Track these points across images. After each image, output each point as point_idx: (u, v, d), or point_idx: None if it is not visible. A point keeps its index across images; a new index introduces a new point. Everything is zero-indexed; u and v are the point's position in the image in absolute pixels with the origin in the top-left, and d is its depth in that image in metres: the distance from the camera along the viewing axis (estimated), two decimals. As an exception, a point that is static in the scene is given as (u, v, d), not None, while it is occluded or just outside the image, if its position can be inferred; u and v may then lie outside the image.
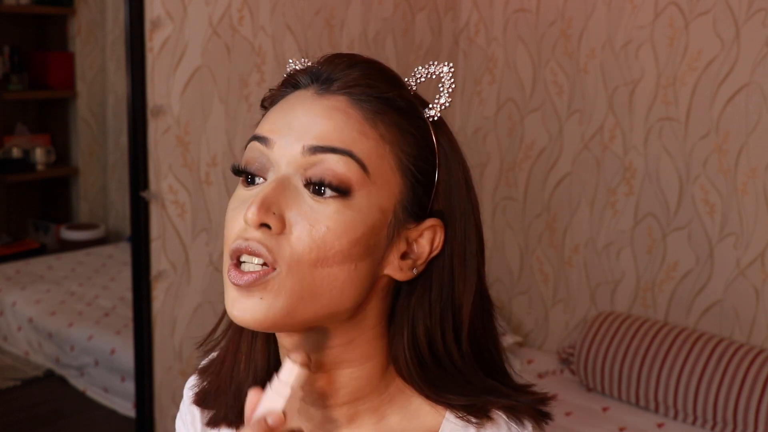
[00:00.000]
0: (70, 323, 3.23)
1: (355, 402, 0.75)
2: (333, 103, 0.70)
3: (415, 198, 0.72)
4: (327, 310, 0.69)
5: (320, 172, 0.68)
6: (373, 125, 0.70)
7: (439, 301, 0.73)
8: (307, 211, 0.68)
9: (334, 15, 2.69)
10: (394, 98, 0.71)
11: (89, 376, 3.09)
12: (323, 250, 0.67)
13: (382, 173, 0.70)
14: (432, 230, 0.72)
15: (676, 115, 2.70)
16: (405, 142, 0.71)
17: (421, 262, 0.73)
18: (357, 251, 0.69)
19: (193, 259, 2.41)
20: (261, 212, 0.67)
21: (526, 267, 3.13)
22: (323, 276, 0.68)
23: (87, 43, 4.04)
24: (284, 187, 0.69)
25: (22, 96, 3.95)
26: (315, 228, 0.67)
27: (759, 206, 2.58)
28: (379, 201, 0.70)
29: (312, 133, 0.69)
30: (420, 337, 0.73)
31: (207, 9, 2.33)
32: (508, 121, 3.11)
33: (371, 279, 0.71)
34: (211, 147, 2.41)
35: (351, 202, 0.68)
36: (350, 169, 0.68)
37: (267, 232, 0.68)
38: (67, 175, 4.14)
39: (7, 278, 3.61)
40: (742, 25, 2.54)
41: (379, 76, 0.73)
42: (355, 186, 0.68)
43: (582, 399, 2.68)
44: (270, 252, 0.67)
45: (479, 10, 3.14)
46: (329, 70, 0.72)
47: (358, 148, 0.69)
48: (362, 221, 0.69)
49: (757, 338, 2.62)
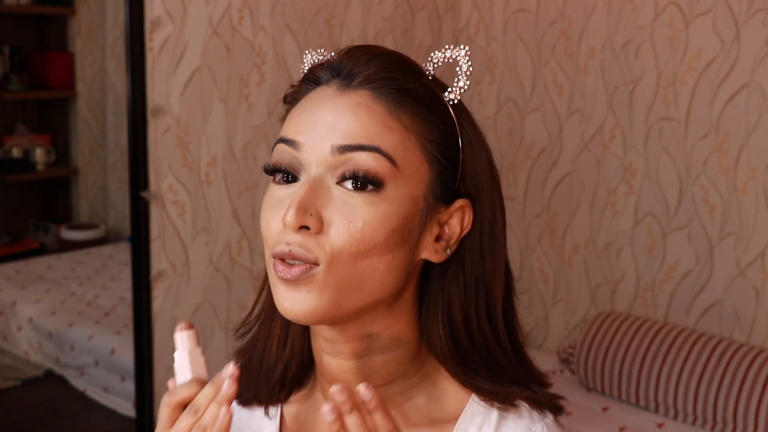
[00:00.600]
0: (70, 323, 3.23)
1: (386, 386, 0.77)
2: (356, 99, 0.72)
3: (442, 183, 0.74)
4: (371, 299, 0.72)
5: (351, 170, 0.70)
6: (397, 117, 0.72)
7: (473, 279, 0.76)
8: (342, 208, 0.70)
9: (334, 15, 2.70)
10: (415, 88, 0.73)
11: (89, 376, 3.09)
12: (363, 244, 0.70)
13: (410, 163, 0.72)
14: (461, 210, 0.75)
15: (676, 115, 2.70)
16: (428, 130, 0.73)
17: (453, 242, 0.75)
18: (394, 241, 0.71)
19: (193, 259, 2.41)
20: (299, 215, 0.69)
21: (526, 267, 3.13)
22: (364, 267, 0.70)
23: (87, 43, 4.04)
24: (318, 187, 0.70)
25: (22, 96, 3.95)
26: (352, 223, 0.70)
27: (759, 206, 2.58)
28: (409, 190, 0.72)
29: (338, 132, 0.71)
30: (456, 315, 0.75)
31: (207, 9, 2.33)
32: (508, 121, 3.11)
33: (409, 265, 0.74)
34: (211, 147, 2.41)
35: (384, 195, 0.70)
36: (379, 164, 0.70)
37: (306, 233, 0.70)
38: (67, 175, 4.14)
39: (7, 278, 3.61)
40: (742, 25, 2.54)
41: (398, 66, 0.74)
42: (386, 179, 0.70)
43: (582, 399, 2.68)
44: (310, 252, 0.70)
45: (479, 10, 3.14)
46: (350, 64, 0.74)
47: (384, 143, 0.71)
48: (396, 212, 0.71)
49: (757, 338, 2.62)
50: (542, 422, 0.77)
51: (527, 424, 0.76)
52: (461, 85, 0.75)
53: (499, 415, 0.76)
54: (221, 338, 2.50)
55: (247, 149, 2.49)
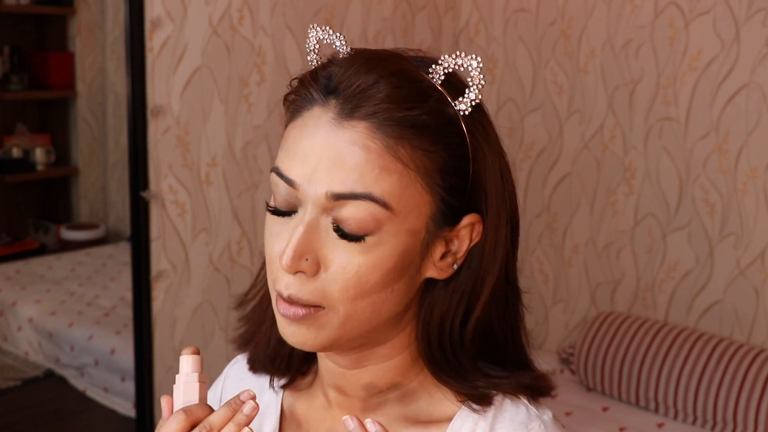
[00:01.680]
0: (70, 323, 3.23)
1: (386, 392, 0.77)
2: (352, 136, 0.68)
3: (448, 206, 0.72)
4: (369, 328, 0.73)
5: (344, 217, 0.69)
6: (396, 155, 0.68)
7: (461, 288, 0.74)
8: (338, 252, 0.70)
9: (334, 15, 2.69)
10: (419, 115, 0.69)
11: (89, 376, 3.09)
12: (359, 286, 0.70)
13: (408, 201, 0.70)
14: (470, 226, 0.73)
15: (676, 115, 2.70)
16: (432, 162, 0.70)
17: (461, 256, 0.74)
18: (392, 277, 0.71)
19: (193, 259, 2.41)
20: (294, 261, 0.69)
21: (526, 267, 3.13)
22: (364, 305, 0.71)
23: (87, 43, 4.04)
24: (313, 230, 0.70)
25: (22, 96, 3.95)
26: (347, 268, 0.69)
27: (759, 206, 2.58)
28: (407, 227, 0.70)
29: (333, 176, 0.68)
30: (434, 320, 0.75)
31: (207, 9, 2.33)
32: (508, 121, 3.11)
33: (411, 290, 0.74)
34: (211, 147, 2.41)
35: (378, 239, 0.69)
36: (372, 212, 0.69)
37: (302, 277, 0.70)
38: (67, 175, 4.14)
39: (7, 278, 3.61)
40: (742, 25, 2.54)
41: (401, 93, 0.69)
42: (381, 225, 0.69)
43: (582, 399, 2.68)
44: (309, 296, 0.70)
45: (479, 10, 3.14)
46: (348, 85, 0.69)
47: (380, 187, 0.68)
48: (392, 252, 0.70)
49: (757, 338, 2.62)
50: (539, 420, 0.75)
51: (523, 420, 0.75)
52: (472, 98, 0.71)
53: (495, 411, 0.75)
54: (221, 338, 2.50)
55: (247, 149, 2.49)
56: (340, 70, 0.70)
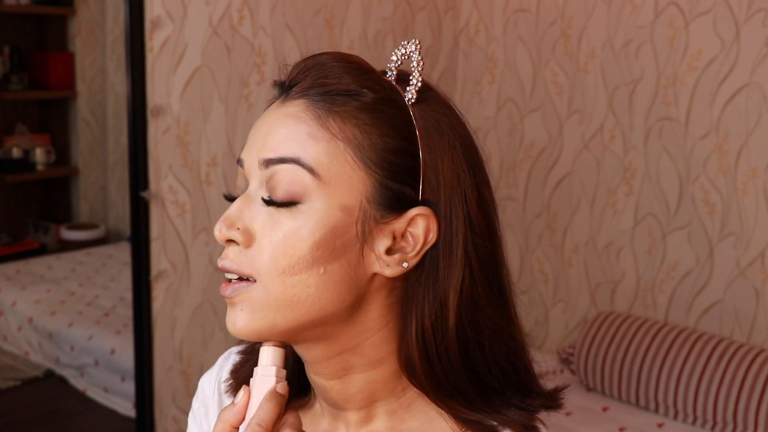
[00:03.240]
0: (70, 323, 3.23)
1: (371, 405, 0.75)
2: (288, 110, 0.71)
3: (389, 190, 0.69)
4: (309, 316, 0.69)
5: (273, 184, 0.69)
6: (324, 124, 0.69)
7: (429, 296, 0.71)
8: (267, 223, 0.69)
9: (334, 15, 2.69)
10: (354, 91, 0.69)
11: (89, 376, 3.09)
12: (285, 258, 0.68)
13: (338, 172, 0.68)
14: (425, 219, 0.70)
15: (676, 115, 2.70)
16: (366, 137, 0.69)
17: (413, 254, 0.70)
18: (321, 254, 0.68)
19: (193, 259, 2.41)
20: (224, 230, 0.69)
21: (526, 267, 3.13)
22: (294, 284, 0.68)
23: (87, 43, 4.04)
24: (249, 201, 0.70)
25: (22, 96, 3.95)
26: (273, 237, 0.68)
27: (759, 206, 2.58)
28: (338, 200, 0.68)
29: (266, 146, 0.70)
30: (410, 330, 0.71)
31: (207, 9, 2.33)
32: (508, 121, 3.11)
33: (351, 281, 0.70)
34: (211, 147, 2.41)
35: (305, 207, 0.68)
36: (298, 176, 0.68)
37: (236, 247, 0.70)
38: (67, 175, 4.14)
39: (7, 278, 3.61)
40: (742, 25, 2.54)
41: (338, 71, 0.70)
42: (308, 191, 0.68)
43: (582, 399, 2.68)
44: (240, 266, 0.69)
45: (479, 10, 3.14)
46: (292, 76, 0.73)
47: (306, 153, 0.68)
48: (320, 224, 0.68)
49: (757, 338, 2.62)
50: None
51: None
52: (415, 83, 0.72)
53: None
54: (221, 338, 2.50)
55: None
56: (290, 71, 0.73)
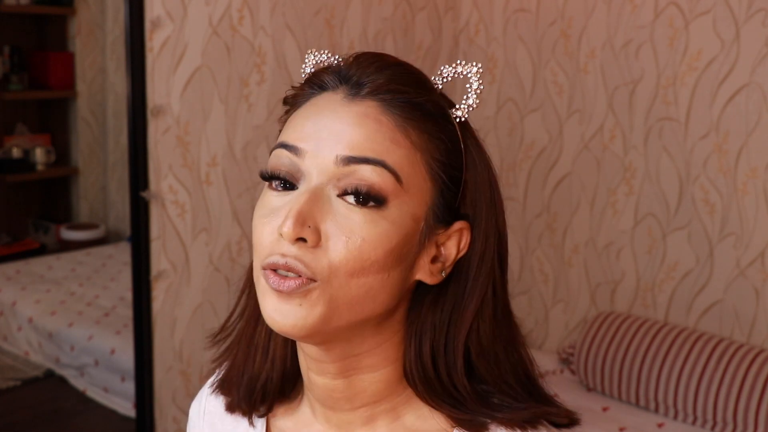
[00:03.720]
0: (70, 323, 3.23)
1: (373, 404, 0.75)
2: (364, 110, 0.69)
3: (444, 203, 0.71)
4: (361, 316, 0.69)
5: (354, 183, 0.67)
6: (405, 133, 0.69)
7: (450, 301, 0.73)
8: (342, 223, 0.67)
9: (334, 15, 2.69)
10: (424, 103, 0.70)
11: (89, 376, 3.09)
12: (360, 261, 0.67)
13: (415, 181, 0.69)
14: (459, 233, 0.72)
15: (676, 115, 2.70)
16: (435, 148, 0.70)
17: (449, 264, 0.72)
18: (392, 260, 0.68)
19: (193, 259, 2.41)
20: (297, 227, 0.66)
21: (526, 267, 3.13)
22: (359, 285, 0.68)
23: (87, 43, 4.04)
24: (318, 198, 0.67)
25: (22, 96, 3.95)
26: (351, 239, 0.67)
27: (759, 206, 2.58)
28: (411, 209, 0.69)
29: (344, 142, 0.68)
30: (424, 334, 0.72)
31: (207, 9, 2.33)
32: (508, 121, 3.11)
33: (403, 284, 0.71)
34: (211, 147, 2.41)
35: (385, 212, 0.68)
36: (384, 180, 0.67)
37: (303, 246, 0.67)
38: (67, 175, 4.14)
39: (7, 278, 3.61)
40: (742, 25, 2.54)
41: (408, 79, 0.71)
42: (389, 196, 0.68)
43: (582, 399, 2.68)
44: (308, 267, 0.67)
45: (479, 10, 3.14)
46: (358, 72, 0.71)
47: (391, 158, 0.68)
48: (396, 231, 0.68)
49: (757, 338, 2.62)
50: None
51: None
52: (470, 103, 0.72)
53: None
54: (221, 338, 2.50)
55: (247, 149, 2.49)
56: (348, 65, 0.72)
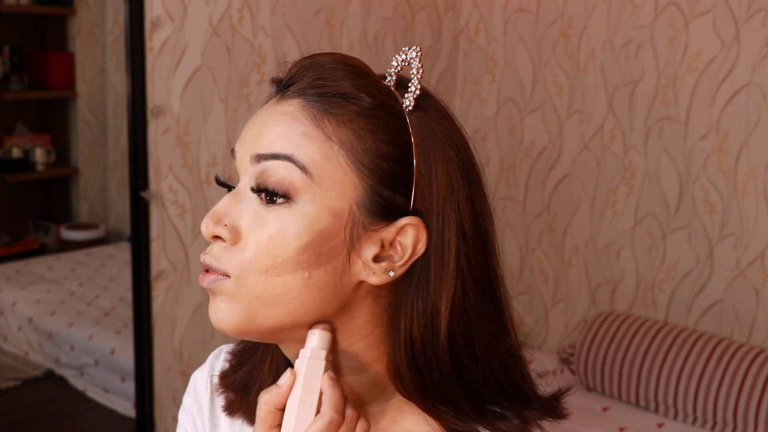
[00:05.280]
0: (70, 323, 3.23)
1: (363, 406, 0.75)
2: (284, 108, 0.70)
3: (380, 197, 0.68)
4: (291, 318, 0.69)
5: (263, 180, 0.68)
6: (319, 125, 0.68)
7: (418, 307, 0.70)
8: (253, 220, 0.68)
9: (334, 15, 2.69)
10: (351, 94, 0.68)
11: (89, 376, 3.09)
12: (270, 258, 0.67)
13: (330, 174, 0.67)
14: (415, 229, 0.69)
15: (676, 115, 2.70)
16: (359, 139, 0.68)
17: (401, 264, 0.69)
18: (307, 258, 0.67)
19: (193, 259, 2.41)
20: (211, 225, 0.69)
21: (526, 267, 3.13)
22: (276, 284, 0.68)
23: (87, 43, 4.05)
24: (239, 198, 0.70)
25: (22, 96, 3.95)
26: (259, 236, 0.68)
27: (759, 206, 2.58)
28: (328, 204, 0.67)
29: (259, 141, 0.69)
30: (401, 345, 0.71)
31: (207, 9, 2.33)
32: (508, 121, 3.11)
33: (336, 287, 0.69)
34: (211, 147, 2.41)
35: (295, 208, 0.67)
36: (291, 174, 0.67)
37: (221, 244, 0.69)
38: (67, 175, 4.14)
39: (7, 278, 3.61)
40: (742, 25, 2.54)
41: (338, 73, 0.69)
42: (298, 190, 0.67)
43: (582, 399, 2.68)
44: (219, 262, 0.69)
45: (479, 10, 3.14)
46: (290, 75, 0.72)
47: (300, 151, 0.67)
48: (309, 227, 0.67)
49: (757, 338, 2.62)
50: None
51: None
52: (413, 90, 0.70)
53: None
54: (221, 338, 2.50)
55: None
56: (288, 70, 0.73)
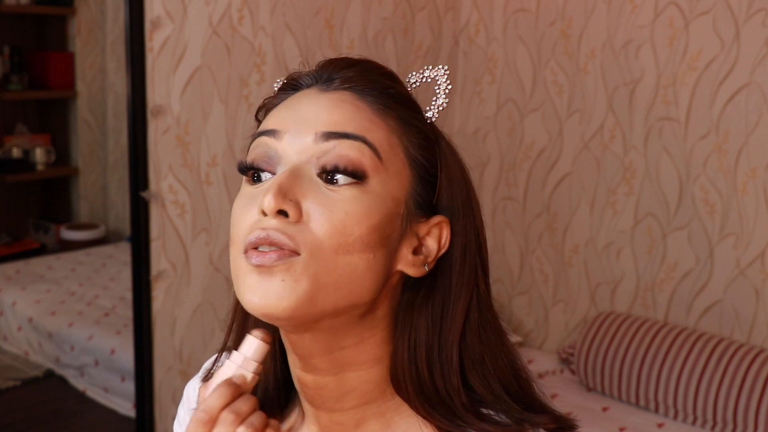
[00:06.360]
0: (70, 323, 3.23)
1: (363, 406, 0.74)
2: (339, 96, 0.70)
3: (423, 192, 0.71)
4: (347, 301, 0.68)
5: (334, 159, 0.67)
6: (382, 116, 0.70)
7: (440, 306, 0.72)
8: (323, 199, 0.66)
9: (334, 15, 2.69)
10: (396, 93, 0.72)
11: (89, 376, 3.09)
12: (344, 236, 0.66)
13: (394, 162, 0.69)
14: (438, 227, 0.72)
15: (676, 115, 2.70)
16: (412, 134, 0.71)
17: (432, 259, 0.72)
18: (375, 239, 0.67)
19: (193, 259, 2.41)
20: (278, 198, 0.65)
21: (526, 267, 3.13)
22: (345, 264, 0.66)
23: (87, 43, 4.05)
24: (298, 175, 0.67)
25: (22, 96, 3.95)
26: (334, 214, 0.66)
27: (759, 206, 2.58)
28: (392, 190, 0.69)
29: (323, 121, 0.68)
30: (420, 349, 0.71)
31: (207, 9, 2.33)
32: (508, 121, 3.11)
33: (387, 271, 0.70)
34: (211, 147, 2.41)
35: (367, 188, 0.67)
36: (364, 154, 0.67)
37: (284, 221, 0.66)
38: (67, 175, 4.14)
39: (7, 278, 3.61)
40: (742, 25, 2.54)
41: (378, 73, 0.73)
42: (370, 171, 0.68)
43: (582, 399, 2.68)
44: (291, 239, 0.65)
45: (479, 10, 3.14)
46: (329, 71, 0.73)
47: (370, 136, 0.68)
48: (378, 208, 0.68)
49: (757, 338, 2.62)
50: None
51: None
52: (440, 103, 0.73)
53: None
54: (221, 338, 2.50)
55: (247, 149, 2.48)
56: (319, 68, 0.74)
